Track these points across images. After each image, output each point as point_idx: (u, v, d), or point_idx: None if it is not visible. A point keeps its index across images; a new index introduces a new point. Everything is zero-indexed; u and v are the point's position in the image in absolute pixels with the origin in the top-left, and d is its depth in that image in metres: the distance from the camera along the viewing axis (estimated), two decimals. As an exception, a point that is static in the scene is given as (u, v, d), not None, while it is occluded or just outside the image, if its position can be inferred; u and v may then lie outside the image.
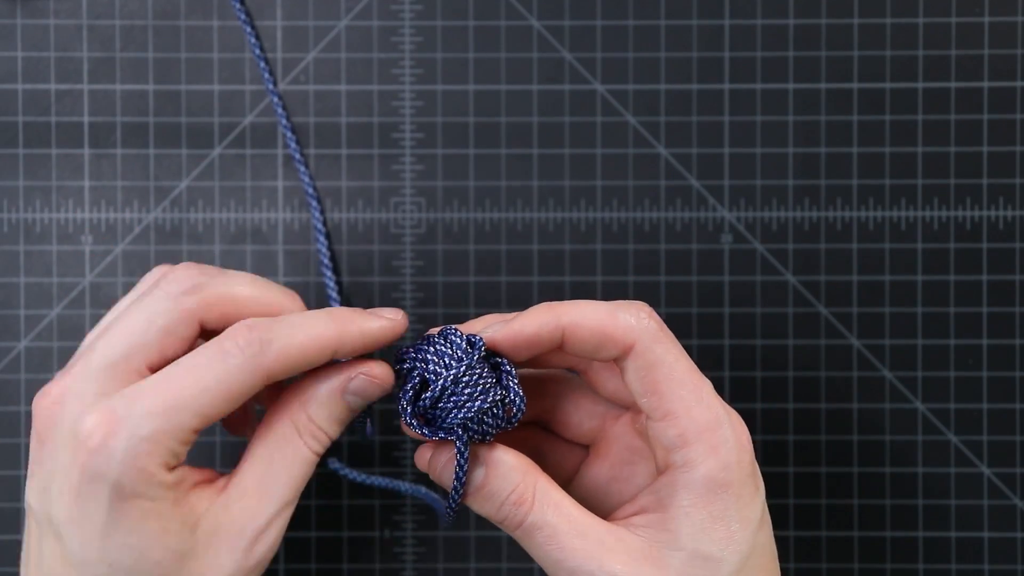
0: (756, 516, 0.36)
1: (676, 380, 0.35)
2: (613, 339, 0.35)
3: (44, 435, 0.36)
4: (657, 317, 0.36)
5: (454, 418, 0.36)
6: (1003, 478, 0.51)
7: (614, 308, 0.36)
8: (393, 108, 0.51)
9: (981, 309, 0.51)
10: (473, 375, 0.36)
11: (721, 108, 0.51)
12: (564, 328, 0.36)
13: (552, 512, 0.36)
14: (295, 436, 0.37)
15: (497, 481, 0.37)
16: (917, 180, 0.51)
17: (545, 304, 0.36)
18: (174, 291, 0.37)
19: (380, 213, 0.51)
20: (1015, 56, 0.51)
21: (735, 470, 0.35)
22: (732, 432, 0.35)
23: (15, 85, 0.51)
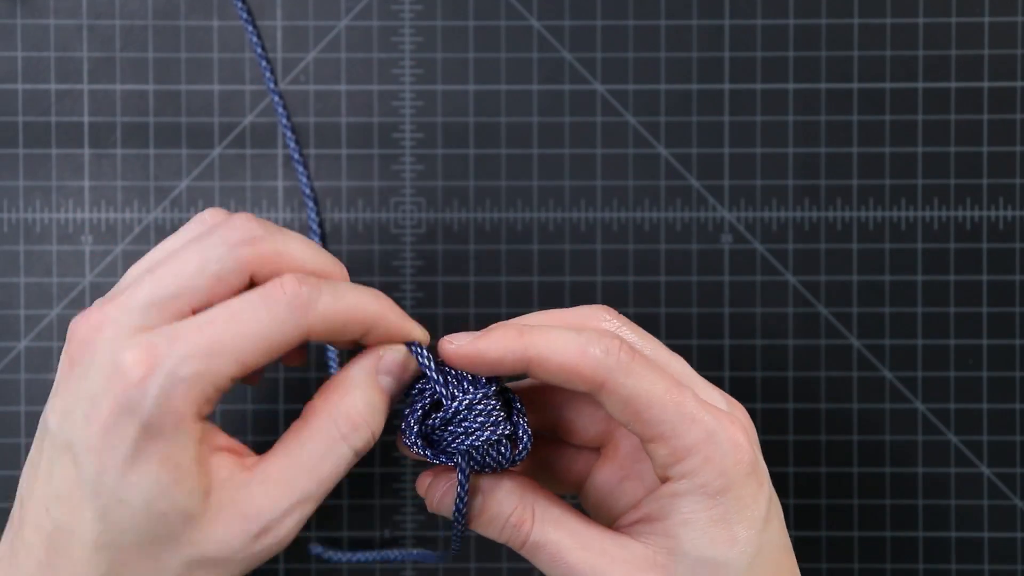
0: (760, 514, 0.35)
1: (656, 406, 0.35)
2: (582, 376, 0.35)
3: (77, 358, 0.36)
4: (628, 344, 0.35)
5: (460, 444, 0.36)
6: (1003, 478, 0.51)
7: (583, 343, 0.35)
8: (393, 108, 0.51)
9: (981, 309, 0.51)
10: (488, 405, 0.36)
11: (721, 108, 0.51)
12: (530, 360, 0.35)
13: (553, 529, 0.36)
14: (333, 431, 0.36)
15: (495, 507, 0.37)
16: (917, 180, 0.51)
17: (515, 327, 0.36)
18: (232, 239, 0.36)
19: (380, 213, 0.51)
20: (1015, 56, 0.51)
21: (732, 474, 0.35)
22: (726, 437, 0.35)
23: (15, 85, 0.51)
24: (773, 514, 0.36)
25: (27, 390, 0.50)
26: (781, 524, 0.37)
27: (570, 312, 0.38)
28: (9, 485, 0.50)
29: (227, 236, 0.36)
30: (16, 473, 0.50)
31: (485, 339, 0.35)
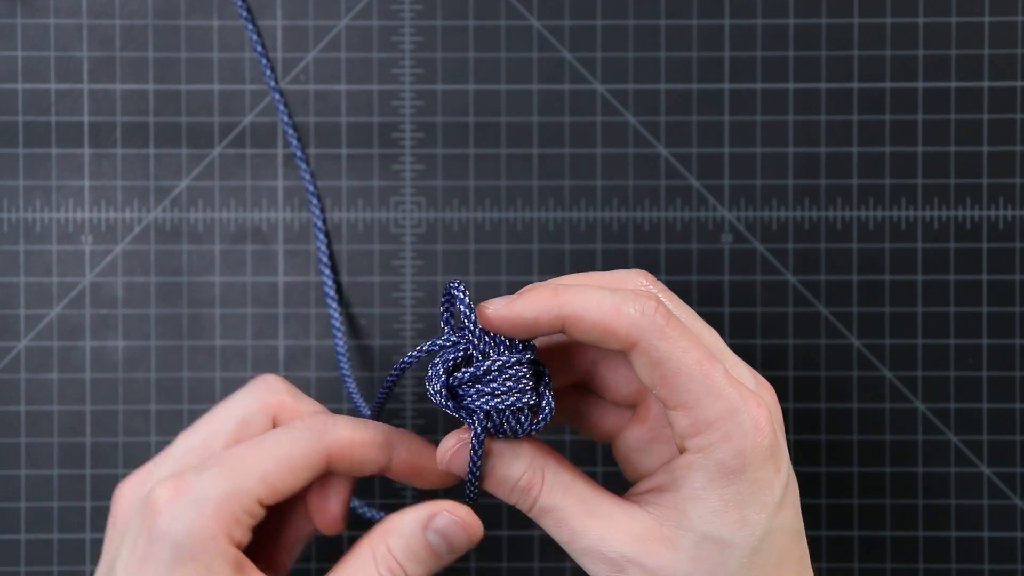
0: (774, 499, 0.35)
1: (684, 374, 0.35)
2: (616, 335, 0.35)
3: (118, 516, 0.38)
4: (664, 308, 0.35)
5: (485, 403, 0.36)
6: (1003, 478, 0.51)
7: (619, 301, 0.35)
8: (393, 108, 0.51)
9: (981, 309, 0.51)
10: (519, 371, 0.36)
11: (721, 108, 0.51)
12: (565, 318, 0.35)
13: (561, 495, 0.36)
14: (371, 564, 0.37)
15: (504, 469, 0.37)
16: (917, 180, 0.51)
17: (550, 287, 0.36)
18: (256, 388, 0.40)
19: (380, 213, 0.51)
20: (1015, 56, 0.51)
21: (750, 455, 0.35)
22: (748, 417, 0.35)
23: (15, 85, 0.51)
24: (788, 500, 0.36)
25: (27, 390, 0.50)
26: (795, 510, 0.37)
27: (607, 274, 0.38)
28: (10, 485, 0.50)
29: (254, 387, 0.40)
30: (16, 473, 0.50)
31: (521, 300, 0.35)
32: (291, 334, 0.51)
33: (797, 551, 0.37)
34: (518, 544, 0.51)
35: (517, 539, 0.51)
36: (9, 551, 0.50)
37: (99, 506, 0.50)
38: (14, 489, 0.50)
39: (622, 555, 0.35)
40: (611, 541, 0.35)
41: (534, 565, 0.51)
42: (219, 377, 0.51)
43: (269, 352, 0.51)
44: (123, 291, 0.51)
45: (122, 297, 0.51)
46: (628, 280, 0.37)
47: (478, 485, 0.37)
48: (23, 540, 0.50)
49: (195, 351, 0.51)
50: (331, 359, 0.51)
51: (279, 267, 0.51)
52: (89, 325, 0.51)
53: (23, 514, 0.50)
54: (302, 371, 0.51)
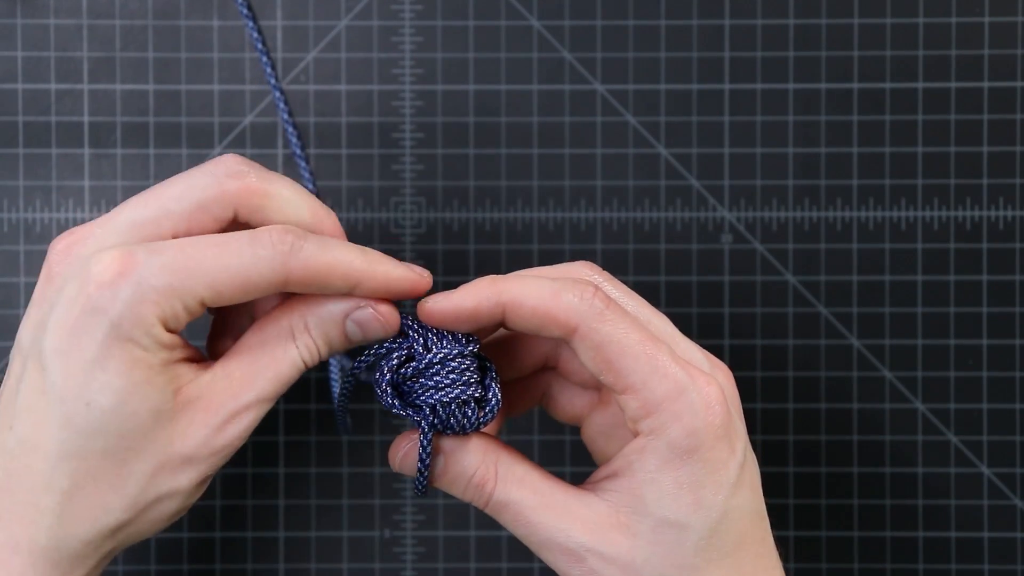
0: (729, 479, 0.35)
1: (629, 355, 0.34)
2: (555, 320, 0.35)
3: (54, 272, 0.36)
4: (603, 291, 0.35)
5: (429, 397, 0.36)
6: (1003, 478, 0.51)
7: (558, 288, 0.35)
8: (393, 108, 0.51)
9: (981, 309, 0.51)
10: (463, 364, 0.36)
11: (721, 108, 0.51)
12: (504, 305, 0.35)
13: (516, 488, 0.36)
14: (289, 338, 0.36)
15: (455, 466, 0.37)
16: (917, 180, 0.51)
17: (488, 278, 0.35)
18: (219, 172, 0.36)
19: (380, 213, 0.51)
20: (1015, 56, 0.51)
21: (702, 435, 0.34)
22: (698, 396, 0.34)
23: (15, 85, 0.51)
24: (745, 480, 0.36)
25: (27, 390, 0.50)
26: (754, 490, 0.36)
27: (552, 268, 0.37)
28: (9, 485, 0.50)
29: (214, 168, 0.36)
30: (16, 473, 0.50)
31: (460, 292, 0.35)
32: (291, 334, 0.51)
33: (758, 532, 0.36)
34: (518, 544, 0.51)
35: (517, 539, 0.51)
36: (9, 551, 0.50)
37: (99, 506, 0.50)
38: (14, 489, 0.50)
39: (581, 545, 0.35)
40: (569, 532, 0.35)
41: (534, 565, 0.51)
42: (219, 377, 0.51)
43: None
44: (123, 291, 0.51)
45: (122, 297, 0.51)
46: (572, 271, 0.37)
47: (428, 483, 0.37)
48: (23, 540, 0.50)
49: (195, 351, 0.51)
50: (331, 359, 0.51)
51: (279, 267, 0.51)
52: (89, 325, 0.50)
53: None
54: (302, 371, 0.51)
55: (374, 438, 0.51)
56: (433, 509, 0.51)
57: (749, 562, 0.36)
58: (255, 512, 0.51)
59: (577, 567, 0.36)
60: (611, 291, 0.37)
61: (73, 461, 0.34)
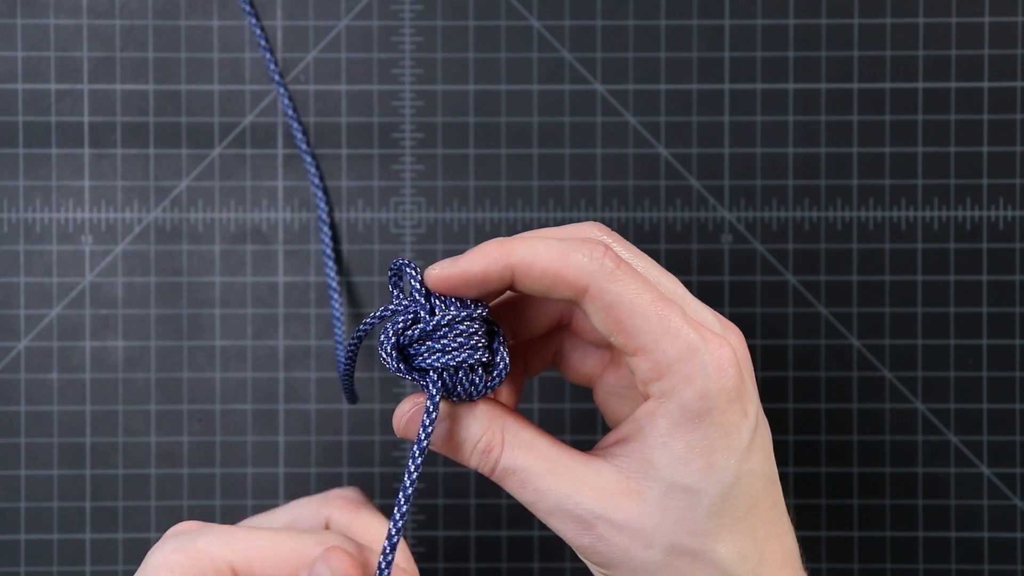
0: (742, 443, 0.34)
1: (640, 315, 0.33)
2: (565, 281, 0.34)
3: None
4: (614, 251, 0.34)
5: (435, 360, 0.35)
6: (1003, 478, 0.51)
7: (567, 248, 0.34)
8: (393, 108, 0.51)
9: (981, 309, 0.51)
10: (470, 327, 0.35)
11: (721, 108, 0.51)
12: (513, 267, 0.34)
13: (523, 454, 0.35)
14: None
15: (461, 432, 0.36)
16: (917, 180, 0.51)
17: (496, 240, 0.35)
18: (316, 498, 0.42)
19: (380, 213, 0.51)
20: (1015, 56, 0.51)
21: (714, 397, 0.33)
22: (710, 358, 0.33)
23: (15, 85, 0.51)
24: (758, 444, 0.35)
25: (27, 390, 0.50)
26: (767, 454, 0.35)
27: (560, 228, 0.37)
28: (10, 485, 0.50)
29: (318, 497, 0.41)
30: (16, 473, 0.50)
31: (466, 257, 0.35)
32: (291, 334, 0.51)
33: (770, 496, 0.36)
34: (518, 544, 0.51)
35: (517, 539, 0.51)
36: (9, 551, 0.50)
37: (99, 506, 0.50)
38: (14, 489, 0.50)
39: (590, 512, 0.34)
40: (577, 498, 0.34)
41: (534, 565, 0.51)
42: (219, 377, 0.51)
43: (269, 352, 0.51)
44: (123, 291, 0.51)
45: (122, 297, 0.51)
46: (580, 231, 0.36)
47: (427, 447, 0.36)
48: (23, 540, 0.50)
49: (195, 351, 0.51)
50: (331, 359, 0.51)
51: (279, 267, 0.51)
52: (89, 325, 0.51)
53: (23, 514, 0.50)
54: (302, 371, 0.51)
55: (374, 438, 0.51)
56: (433, 509, 0.51)
57: (761, 527, 0.35)
58: (255, 512, 0.51)
59: (586, 534, 0.35)
60: (620, 252, 0.36)
61: None
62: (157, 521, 0.50)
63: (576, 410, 0.51)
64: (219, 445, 0.51)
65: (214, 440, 0.51)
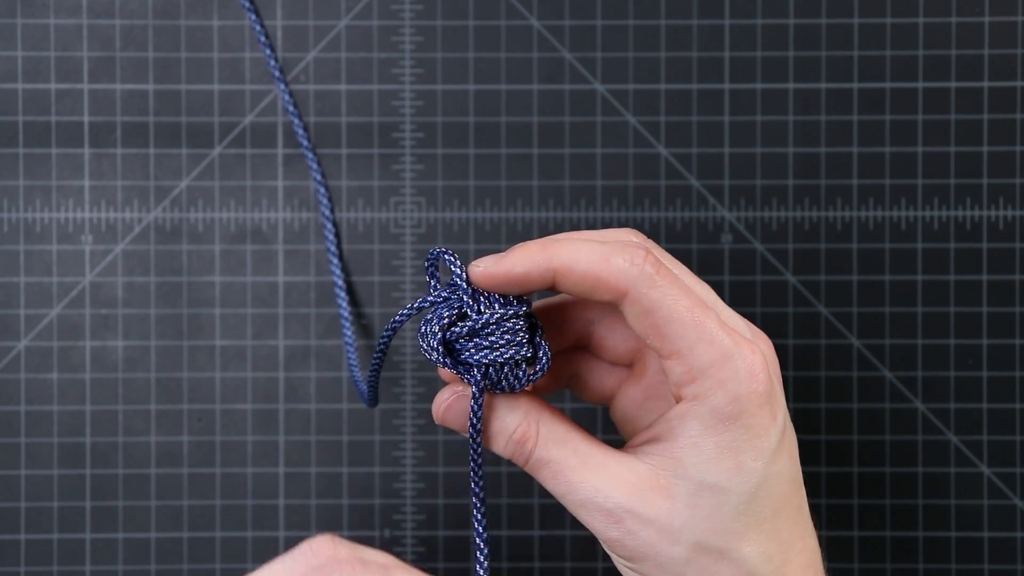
0: (770, 446, 0.35)
1: (676, 321, 0.34)
2: (606, 285, 0.35)
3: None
4: (654, 256, 0.35)
5: (483, 356, 0.36)
6: (1003, 478, 0.51)
7: (608, 252, 0.35)
8: (393, 108, 0.51)
9: (981, 309, 0.51)
10: (516, 324, 0.36)
11: (721, 108, 0.51)
12: (555, 270, 0.35)
13: (556, 448, 0.36)
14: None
15: (498, 422, 0.37)
16: (917, 180, 0.51)
17: (540, 241, 0.36)
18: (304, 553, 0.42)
19: (380, 213, 0.51)
20: (1015, 56, 0.51)
21: (744, 401, 0.35)
22: (743, 363, 0.34)
23: (15, 85, 0.51)
24: (785, 447, 0.36)
25: (27, 390, 0.50)
26: (792, 457, 0.37)
27: (599, 232, 0.38)
28: (10, 485, 0.50)
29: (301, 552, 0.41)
30: (16, 473, 0.50)
31: (511, 256, 0.36)
32: (291, 334, 0.51)
33: (795, 499, 0.37)
34: (518, 544, 0.51)
35: (517, 539, 0.51)
36: (9, 551, 0.50)
37: (99, 506, 0.50)
38: (14, 489, 0.50)
39: (619, 505, 0.35)
40: (608, 492, 0.35)
41: (534, 565, 0.51)
42: (219, 377, 0.51)
43: (269, 352, 0.51)
44: (123, 291, 0.51)
45: (122, 297, 0.51)
46: (619, 235, 0.37)
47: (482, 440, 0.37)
48: (23, 540, 0.50)
49: (195, 351, 0.51)
50: (331, 359, 0.51)
51: (279, 267, 0.51)
52: (89, 325, 0.51)
53: (23, 514, 0.50)
54: (302, 371, 0.51)
55: (374, 438, 0.51)
56: (433, 508, 0.51)
57: (786, 528, 0.36)
58: (255, 512, 0.51)
59: (615, 528, 0.36)
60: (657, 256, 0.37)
61: None
62: (157, 521, 0.50)
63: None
64: (219, 445, 0.51)
65: (214, 440, 0.51)
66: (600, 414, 0.51)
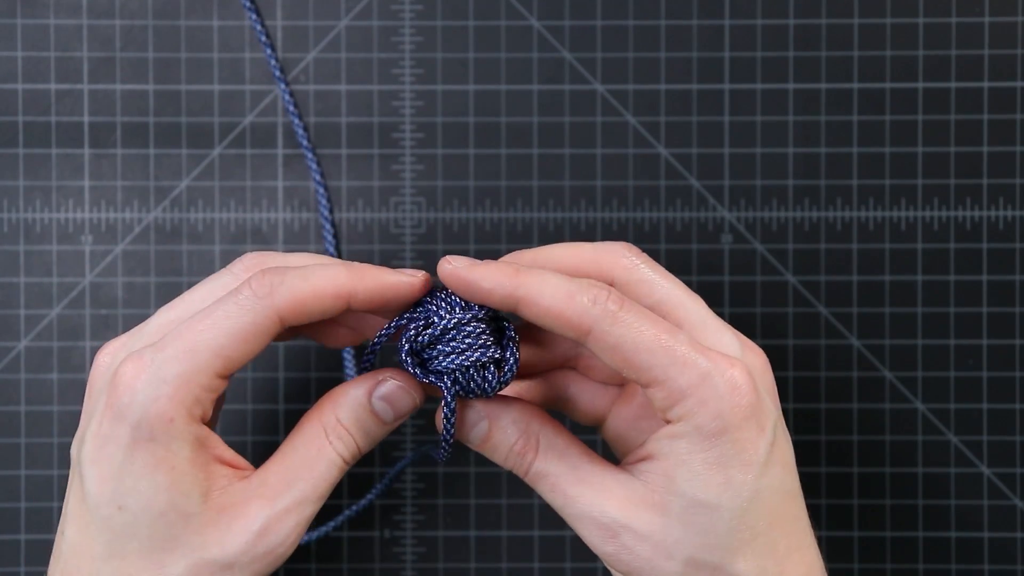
0: (758, 458, 0.35)
1: (644, 351, 0.35)
2: (569, 323, 0.35)
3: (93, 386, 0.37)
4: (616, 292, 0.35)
5: (449, 363, 0.37)
6: (1003, 478, 0.51)
7: (574, 290, 0.35)
8: (393, 108, 0.51)
9: (981, 309, 0.51)
10: (476, 328, 0.37)
11: (721, 108, 0.51)
12: (519, 300, 0.35)
13: (555, 461, 0.37)
14: (321, 435, 0.37)
15: (499, 434, 0.38)
16: (917, 180, 0.51)
17: (512, 266, 0.36)
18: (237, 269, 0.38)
19: (380, 213, 0.51)
20: (1015, 56, 0.51)
21: (728, 416, 0.35)
22: (722, 380, 0.35)
23: (15, 85, 0.51)
24: (776, 459, 0.36)
25: (27, 390, 0.50)
26: (786, 468, 0.37)
27: (589, 247, 0.38)
28: (10, 486, 0.50)
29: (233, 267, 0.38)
30: (16, 473, 0.50)
31: (481, 269, 0.36)
32: (291, 334, 0.51)
33: (791, 510, 0.37)
34: (518, 544, 0.51)
35: (517, 539, 0.51)
36: (9, 551, 0.50)
37: (99, 506, 0.50)
38: (14, 489, 0.50)
39: (615, 520, 0.36)
40: (604, 507, 0.36)
41: (534, 565, 0.51)
42: (219, 377, 0.51)
43: (269, 352, 0.51)
44: (123, 291, 0.51)
45: (122, 297, 0.51)
46: (609, 249, 0.38)
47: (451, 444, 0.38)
48: (23, 540, 0.50)
49: (195, 351, 0.51)
50: (331, 359, 0.51)
51: (279, 267, 0.51)
52: (89, 325, 0.51)
53: (23, 514, 0.50)
54: (302, 371, 0.51)
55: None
56: (433, 509, 0.51)
57: (782, 541, 0.36)
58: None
59: (611, 542, 0.36)
60: (646, 272, 0.37)
61: (114, 561, 0.35)
62: (157, 521, 0.50)
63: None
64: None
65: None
66: (600, 414, 0.51)
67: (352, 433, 0.38)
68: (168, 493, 0.35)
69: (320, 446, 0.37)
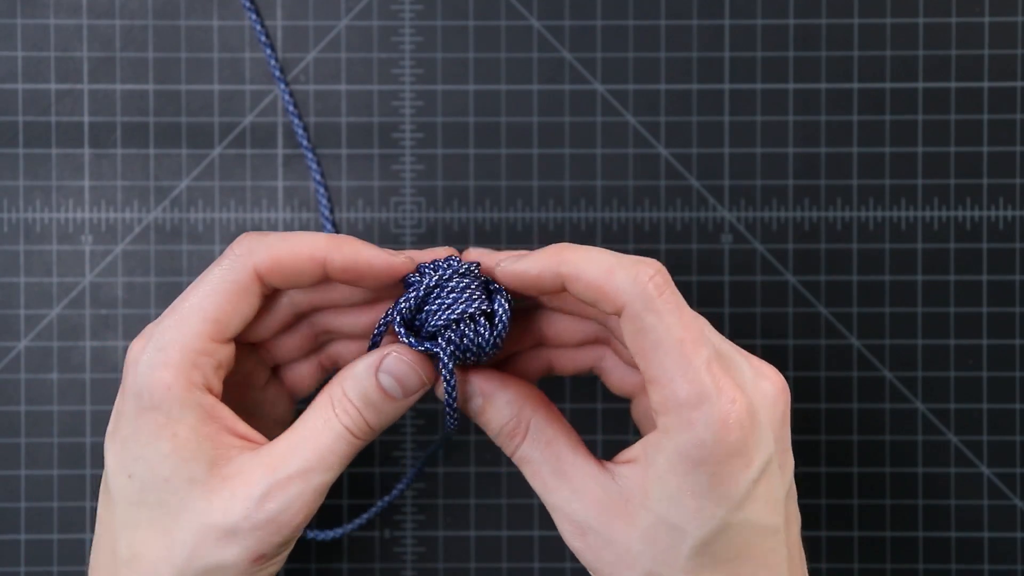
0: (736, 495, 0.35)
1: (663, 349, 0.34)
2: (607, 297, 0.35)
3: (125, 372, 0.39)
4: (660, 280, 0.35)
5: (438, 320, 0.37)
6: (1003, 478, 0.51)
7: (615, 266, 0.35)
8: (393, 108, 0.51)
9: (981, 309, 0.51)
10: (460, 283, 0.38)
11: (721, 108, 0.51)
12: (564, 276, 0.36)
13: (540, 449, 0.38)
14: (328, 407, 0.38)
15: (492, 412, 0.38)
16: (917, 180, 0.51)
17: (557, 246, 0.37)
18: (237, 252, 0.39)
19: (380, 213, 0.51)
20: (1015, 56, 0.51)
21: (710, 448, 0.34)
22: (715, 411, 0.34)
23: (15, 85, 0.51)
24: (759, 495, 0.35)
25: (27, 390, 0.50)
26: (771, 505, 0.36)
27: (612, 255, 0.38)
28: (10, 486, 0.50)
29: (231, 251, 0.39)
30: (16, 473, 0.50)
31: (527, 258, 0.37)
32: (291, 334, 0.51)
33: (765, 545, 0.36)
34: (518, 544, 0.51)
35: (517, 539, 0.51)
36: (9, 551, 0.50)
37: (99, 506, 0.50)
38: (14, 489, 0.50)
39: (584, 520, 0.36)
40: (576, 504, 0.37)
41: (534, 565, 0.51)
42: (219, 377, 0.51)
43: (269, 352, 0.51)
44: (123, 291, 0.51)
45: (122, 297, 0.51)
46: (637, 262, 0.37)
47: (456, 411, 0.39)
48: (23, 540, 0.50)
49: (195, 351, 0.51)
50: (331, 359, 0.51)
51: (279, 267, 0.51)
52: (89, 325, 0.51)
53: (23, 514, 0.50)
54: (302, 371, 0.51)
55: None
56: (433, 509, 0.51)
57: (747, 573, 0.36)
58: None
59: (579, 539, 0.37)
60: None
61: (128, 530, 0.37)
62: (157, 521, 0.50)
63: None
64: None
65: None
66: (600, 416, 0.51)
67: (358, 407, 0.38)
68: (171, 459, 0.36)
69: (327, 417, 0.38)
